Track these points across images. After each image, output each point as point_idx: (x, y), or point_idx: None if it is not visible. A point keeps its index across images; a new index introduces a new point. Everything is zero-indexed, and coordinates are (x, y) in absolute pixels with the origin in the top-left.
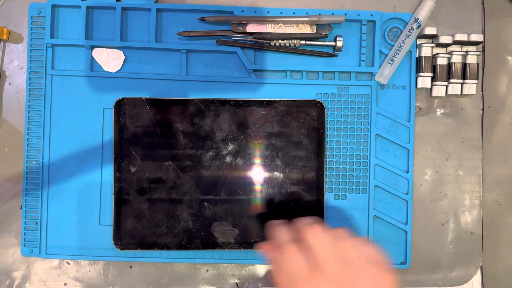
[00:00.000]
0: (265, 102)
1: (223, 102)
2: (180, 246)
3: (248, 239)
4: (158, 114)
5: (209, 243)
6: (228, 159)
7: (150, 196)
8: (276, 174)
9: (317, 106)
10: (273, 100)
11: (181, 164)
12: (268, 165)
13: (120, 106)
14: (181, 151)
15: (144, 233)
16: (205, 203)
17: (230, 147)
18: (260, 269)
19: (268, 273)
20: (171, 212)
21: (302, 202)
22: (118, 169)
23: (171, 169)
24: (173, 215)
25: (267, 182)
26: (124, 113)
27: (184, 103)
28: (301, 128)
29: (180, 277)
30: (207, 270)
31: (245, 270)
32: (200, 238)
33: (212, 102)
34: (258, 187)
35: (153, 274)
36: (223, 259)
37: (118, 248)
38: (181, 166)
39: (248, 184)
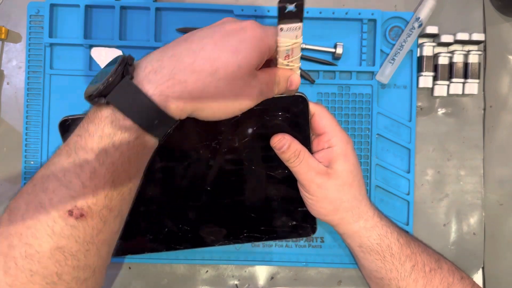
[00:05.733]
0: None
1: None
2: (169, 249)
3: (238, 235)
4: None
5: (198, 243)
6: (202, 167)
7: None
8: (259, 176)
9: (299, 101)
10: None
11: (153, 176)
12: (248, 169)
13: (66, 128)
14: (150, 165)
15: (131, 240)
16: (188, 211)
17: (202, 155)
18: (260, 270)
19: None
20: (155, 221)
21: (292, 201)
22: None
23: (143, 184)
24: (158, 223)
25: (249, 184)
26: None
27: None
28: (282, 127)
29: (180, 278)
30: (207, 271)
31: (245, 271)
32: (189, 241)
33: None
34: (239, 190)
35: (153, 275)
36: (222, 260)
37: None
38: (154, 179)
39: (228, 190)
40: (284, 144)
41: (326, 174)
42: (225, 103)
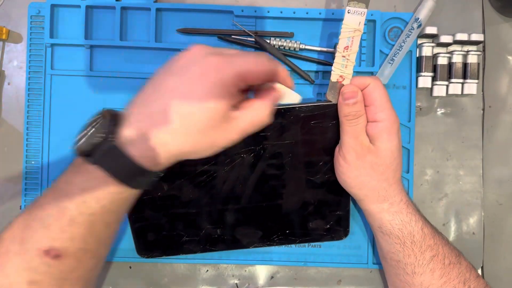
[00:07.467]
0: (282, 110)
1: None
2: (204, 250)
3: (273, 237)
4: None
5: (233, 245)
6: (244, 172)
7: (167, 212)
8: (299, 180)
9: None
10: (292, 107)
11: (195, 180)
12: (289, 174)
13: None
14: (192, 168)
15: (167, 241)
16: (226, 213)
17: (246, 159)
18: (260, 270)
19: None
20: (193, 223)
21: (328, 204)
22: None
23: (183, 187)
24: (195, 225)
25: (288, 188)
26: None
27: None
28: (324, 134)
29: (180, 277)
30: (207, 270)
31: (245, 271)
32: (225, 242)
33: None
34: (278, 194)
35: (153, 274)
36: (222, 260)
37: (144, 257)
38: (195, 182)
39: (267, 193)
40: (354, 98)
41: (367, 149)
42: (204, 151)
